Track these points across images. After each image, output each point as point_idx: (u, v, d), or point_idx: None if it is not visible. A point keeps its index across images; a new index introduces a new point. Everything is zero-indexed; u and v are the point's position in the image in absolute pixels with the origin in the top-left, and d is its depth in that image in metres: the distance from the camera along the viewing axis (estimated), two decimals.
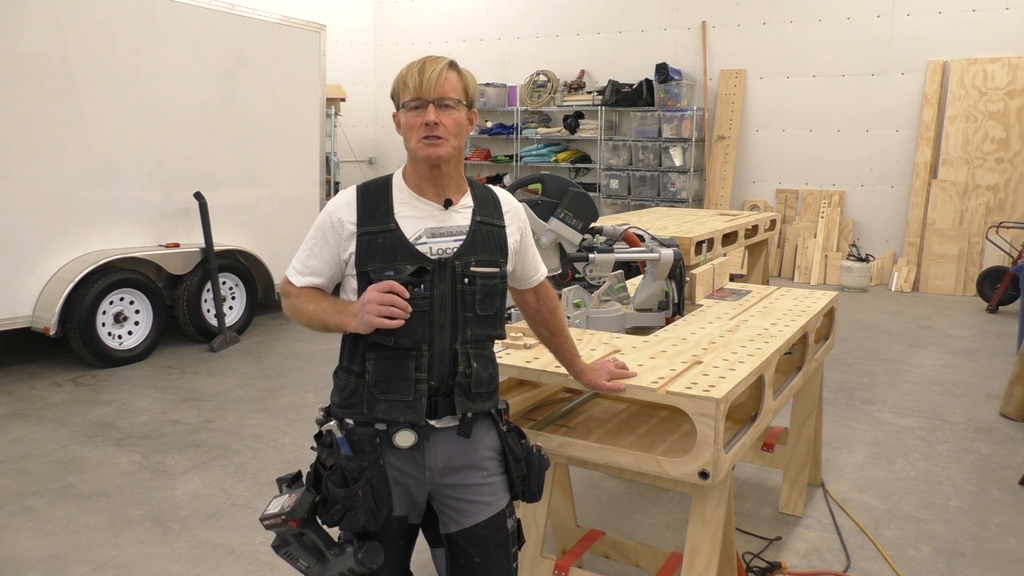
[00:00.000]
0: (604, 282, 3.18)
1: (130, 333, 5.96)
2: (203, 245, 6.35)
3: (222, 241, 6.53)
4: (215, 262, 6.37)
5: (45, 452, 4.29)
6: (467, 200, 1.93)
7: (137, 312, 5.99)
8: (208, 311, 6.41)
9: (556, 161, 11.03)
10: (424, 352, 1.83)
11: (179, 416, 4.86)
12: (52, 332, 5.43)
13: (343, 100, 10.12)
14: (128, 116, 5.96)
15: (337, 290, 1.97)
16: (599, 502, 3.70)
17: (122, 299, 5.88)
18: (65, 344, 5.79)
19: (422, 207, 1.88)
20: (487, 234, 1.91)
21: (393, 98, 1.90)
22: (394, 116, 1.90)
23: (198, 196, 6.34)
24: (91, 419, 4.79)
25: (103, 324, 5.75)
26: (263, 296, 7.01)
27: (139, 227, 6.13)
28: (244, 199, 6.87)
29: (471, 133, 1.96)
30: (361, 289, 1.85)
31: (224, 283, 6.55)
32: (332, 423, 1.89)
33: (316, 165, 7.56)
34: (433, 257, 1.84)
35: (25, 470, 4.06)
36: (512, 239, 1.97)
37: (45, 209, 5.55)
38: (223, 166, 6.67)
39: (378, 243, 1.83)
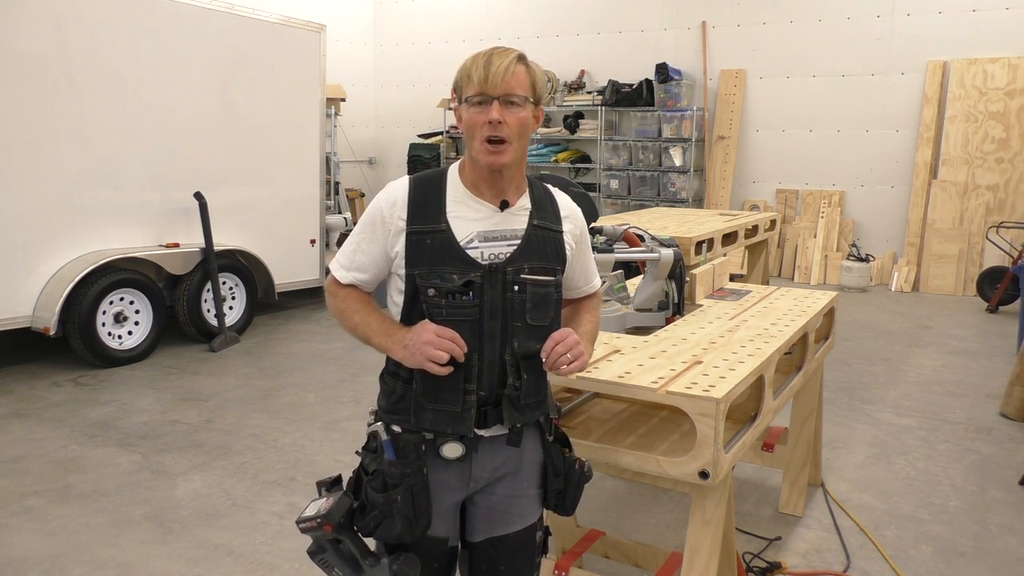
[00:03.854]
0: (604, 282, 3.17)
1: (130, 333, 5.96)
2: (203, 245, 6.35)
3: (222, 241, 6.53)
4: (215, 262, 6.37)
5: (45, 452, 4.29)
6: (524, 201, 1.82)
7: (137, 312, 5.99)
8: (208, 311, 6.41)
9: (556, 161, 11.03)
10: (474, 362, 1.74)
11: (179, 416, 4.86)
12: (52, 332, 5.43)
13: (343, 100, 10.12)
14: (128, 116, 5.96)
15: (381, 290, 1.89)
16: (599, 502, 3.70)
17: (122, 299, 5.88)
18: (65, 344, 5.79)
19: (477, 207, 1.78)
20: (543, 239, 1.80)
21: (455, 91, 1.77)
22: (455, 110, 1.78)
23: (198, 196, 6.34)
24: (91, 419, 4.79)
25: (103, 324, 5.74)
26: (263, 296, 7.01)
27: (139, 227, 6.13)
28: (244, 199, 6.87)
29: (536, 130, 1.85)
30: (408, 292, 1.77)
31: (224, 283, 6.55)
32: (378, 424, 1.81)
33: (316, 165, 7.55)
34: (484, 263, 1.73)
35: (25, 470, 4.06)
36: (568, 246, 1.86)
37: (45, 209, 5.55)
38: (223, 166, 6.67)
39: (426, 244, 1.74)
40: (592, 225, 3.10)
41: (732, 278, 4.05)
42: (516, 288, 1.75)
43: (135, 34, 5.93)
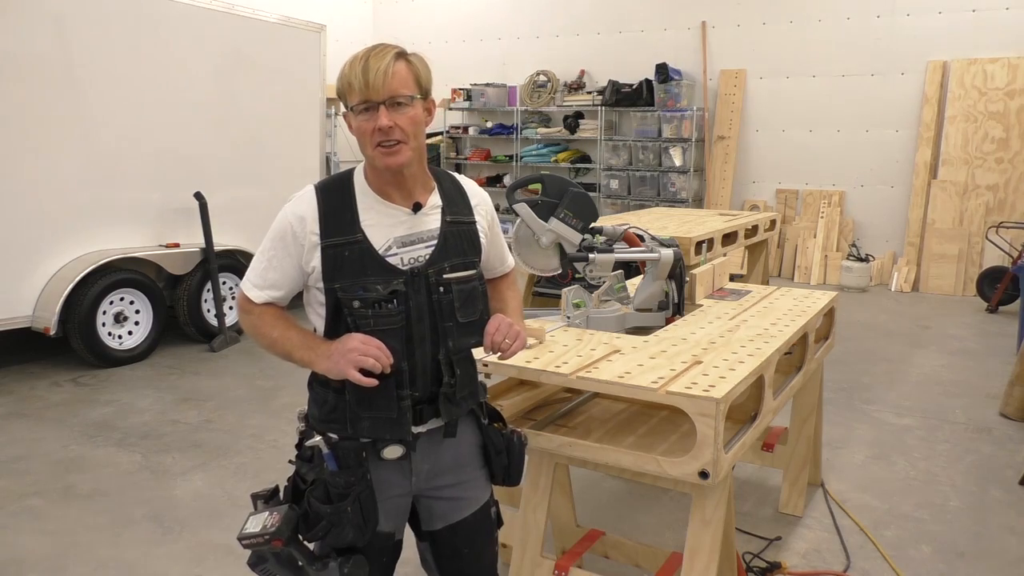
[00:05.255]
0: (604, 282, 3.17)
1: (130, 333, 5.96)
2: (203, 245, 6.35)
3: (222, 241, 6.53)
4: (215, 262, 6.37)
5: (45, 452, 4.29)
6: (435, 199, 1.82)
7: (137, 312, 5.99)
8: (208, 311, 6.42)
9: (556, 161, 11.03)
10: (404, 368, 1.74)
11: (179, 416, 4.86)
12: (52, 332, 5.43)
13: None
14: (128, 116, 5.96)
15: (299, 299, 1.88)
16: (599, 502, 3.70)
17: (122, 299, 5.88)
18: (65, 344, 5.79)
19: (390, 213, 1.76)
20: (459, 234, 1.82)
21: (340, 98, 1.73)
22: (344, 116, 1.75)
23: (198, 196, 6.34)
24: (91, 419, 4.79)
25: (103, 324, 5.75)
26: None
27: (139, 227, 6.13)
28: (244, 199, 6.87)
29: (431, 123, 1.82)
30: (330, 306, 1.75)
31: (224, 283, 6.55)
32: (317, 439, 1.77)
33: (316, 165, 7.56)
34: (405, 268, 1.73)
35: (25, 470, 4.06)
36: (483, 234, 1.89)
37: (45, 209, 5.55)
38: (223, 166, 6.67)
39: (345, 256, 1.71)
40: (592, 225, 3.10)
41: (732, 278, 4.05)
42: (442, 290, 1.75)
43: (135, 34, 5.93)
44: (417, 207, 1.78)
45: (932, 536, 3.42)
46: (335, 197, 1.77)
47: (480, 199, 1.92)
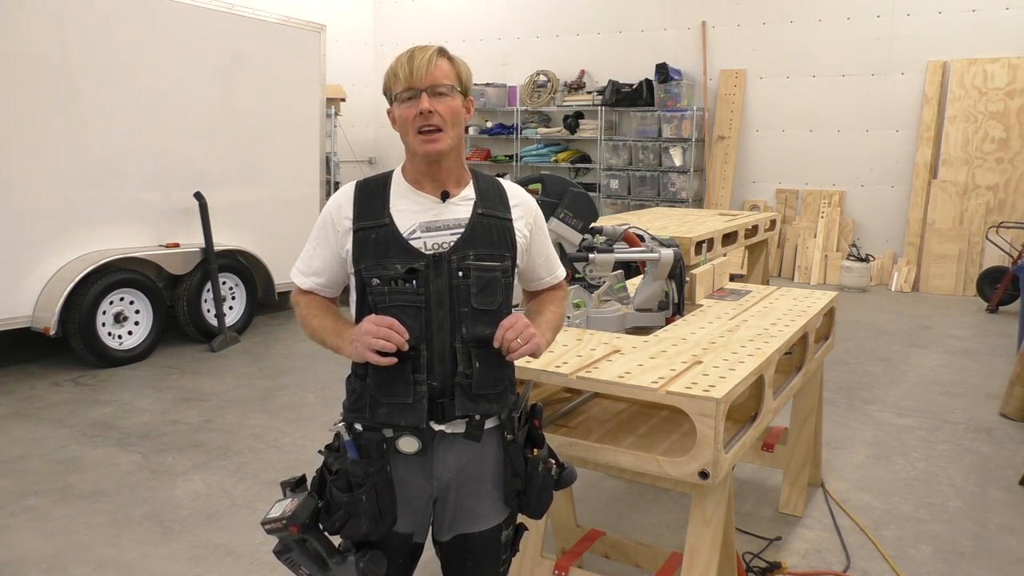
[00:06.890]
0: (604, 282, 3.18)
1: (130, 333, 5.96)
2: (203, 245, 6.35)
3: (222, 241, 6.53)
4: (215, 262, 6.37)
5: (45, 452, 4.29)
6: (468, 192, 1.85)
7: (137, 312, 5.99)
8: (208, 311, 6.42)
9: (556, 161, 11.03)
10: (422, 352, 1.75)
11: (179, 416, 4.86)
12: (52, 332, 5.43)
13: (343, 100, 10.11)
14: (128, 116, 5.96)
15: (347, 292, 1.93)
16: (599, 502, 3.70)
17: (122, 299, 5.88)
18: (65, 344, 5.78)
19: (419, 200, 1.82)
20: (489, 227, 1.82)
21: (386, 93, 1.83)
22: (388, 112, 1.84)
23: (198, 196, 6.34)
24: (91, 419, 4.79)
25: (103, 324, 5.75)
26: (263, 296, 7.01)
27: (139, 227, 6.13)
28: (244, 199, 6.87)
29: (469, 121, 1.89)
30: (358, 288, 1.82)
31: (224, 283, 6.55)
32: (341, 425, 1.84)
33: (316, 165, 7.56)
34: (428, 252, 1.76)
35: (25, 470, 4.06)
36: (520, 234, 1.88)
37: (45, 209, 5.55)
38: (223, 166, 6.67)
39: (371, 239, 1.78)
40: (592, 225, 3.10)
41: (732, 278, 4.05)
42: (461, 274, 1.77)
43: (135, 34, 5.93)
44: (445, 196, 1.83)
45: (932, 536, 3.42)
46: (372, 188, 1.86)
47: (521, 200, 1.93)
